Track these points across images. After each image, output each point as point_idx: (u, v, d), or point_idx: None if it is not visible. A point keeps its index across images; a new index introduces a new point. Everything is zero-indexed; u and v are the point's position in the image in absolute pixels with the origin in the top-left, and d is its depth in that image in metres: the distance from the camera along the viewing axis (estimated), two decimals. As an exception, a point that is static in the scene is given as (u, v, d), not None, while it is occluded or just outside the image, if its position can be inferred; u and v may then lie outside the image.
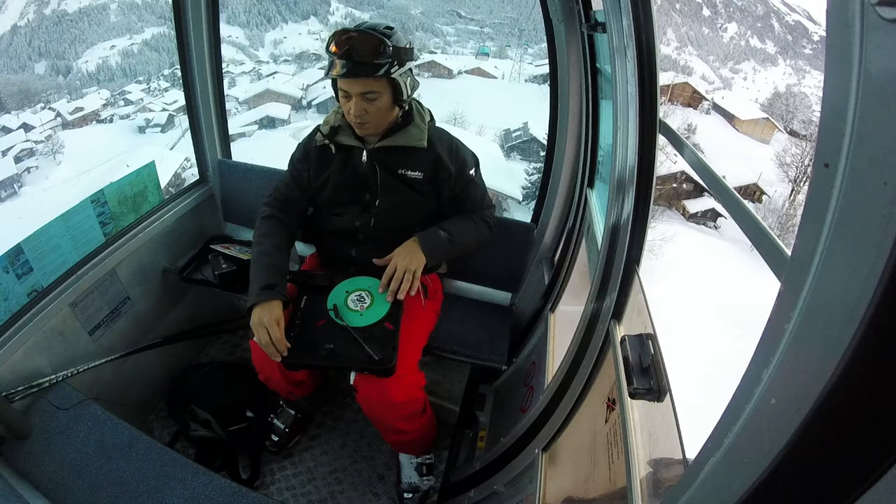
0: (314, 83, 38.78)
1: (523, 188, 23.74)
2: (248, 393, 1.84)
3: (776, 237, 0.57)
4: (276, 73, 42.68)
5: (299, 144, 1.60)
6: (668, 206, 23.50)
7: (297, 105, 37.78)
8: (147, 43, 45.86)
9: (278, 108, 35.09)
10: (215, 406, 1.79)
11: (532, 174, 24.72)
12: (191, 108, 2.10)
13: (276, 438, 1.76)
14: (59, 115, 35.23)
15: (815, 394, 0.36)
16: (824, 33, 0.38)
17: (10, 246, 1.50)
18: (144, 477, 1.28)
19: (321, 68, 39.96)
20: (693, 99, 29.77)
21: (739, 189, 22.22)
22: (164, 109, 36.12)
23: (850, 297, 0.34)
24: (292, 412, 1.78)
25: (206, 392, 1.85)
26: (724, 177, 0.76)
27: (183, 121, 33.20)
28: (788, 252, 0.46)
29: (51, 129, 33.01)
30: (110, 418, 1.41)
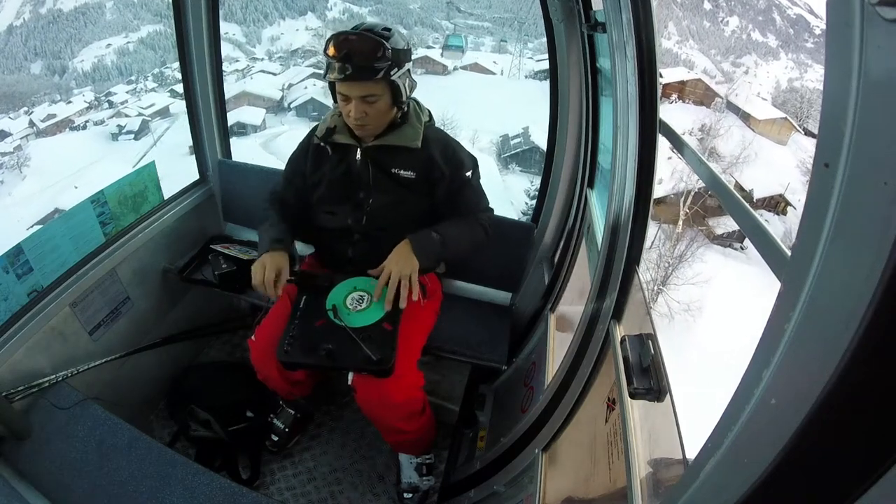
0: (299, 82, 36.00)
1: (522, 213, 19.94)
2: (248, 393, 1.84)
3: (776, 237, 0.57)
4: (259, 71, 39.36)
5: (300, 143, 1.61)
6: (694, 229, 18.86)
7: (277, 107, 34.59)
8: (143, 41, 45.52)
9: (252, 112, 31.70)
10: (215, 406, 1.79)
11: (535, 196, 19.24)
12: (191, 108, 2.09)
13: (276, 438, 1.76)
14: (31, 122, 31.94)
15: (815, 394, 0.36)
16: (825, 27, 0.38)
17: (10, 246, 1.50)
18: (144, 477, 1.28)
19: (309, 66, 38.08)
20: (706, 97, 27.26)
21: (763, 200, 19.74)
22: (139, 114, 32.40)
23: (850, 297, 0.34)
24: (292, 412, 1.78)
25: (206, 392, 1.85)
26: (751, 190, 0.76)
27: (158, 126, 30.99)
28: (788, 252, 0.46)
29: (21, 137, 29.86)
30: (110, 418, 1.41)
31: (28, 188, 24.62)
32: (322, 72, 1.39)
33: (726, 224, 18.64)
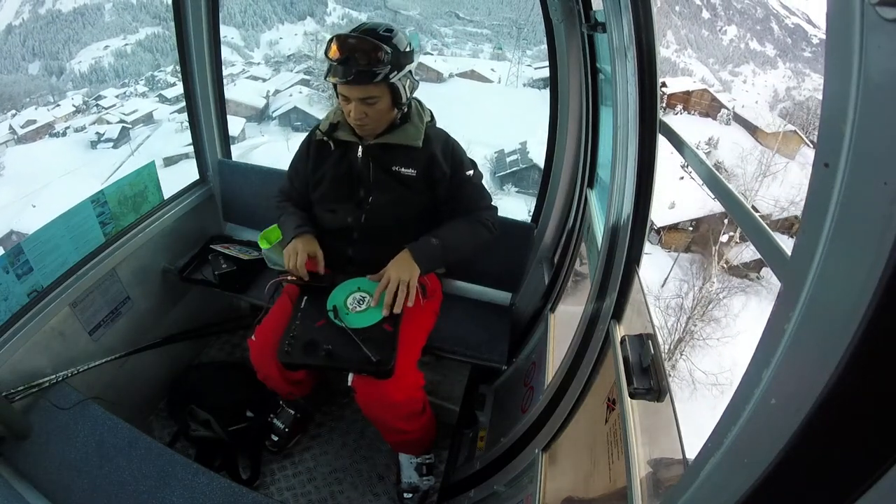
0: (286, 89, 34.02)
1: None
2: (248, 393, 1.84)
3: (776, 237, 0.57)
4: (248, 77, 37.35)
5: (302, 142, 1.63)
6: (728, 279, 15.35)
7: (259, 116, 32.32)
8: (141, 43, 45.21)
9: (230, 122, 29.72)
10: (215, 406, 1.79)
11: (535, 224, 17.59)
12: (191, 108, 2.10)
13: (276, 438, 1.76)
14: (11, 128, 30.44)
15: (815, 394, 0.36)
16: (823, 36, 0.38)
17: (11, 246, 1.50)
18: (144, 477, 1.28)
19: (300, 71, 37.12)
20: (711, 107, 25.85)
21: (777, 222, 17.24)
22: (120, 121, 30.59)
23: (850, 297, 0.34)
24: (292, 412, 1.78)
25: (206, 392, 1.85)
26: (769, 214, 0.75)
27: (139, 134, 29.85)
28: (788, 252, 0.46)
29: (1, 144, 28.23)
30: (110, 418, 1.41)
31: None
32: (309, 77, 1.39)
33: (742, 254, 16.14)
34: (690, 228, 18.07)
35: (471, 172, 1.54)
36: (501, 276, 1.98)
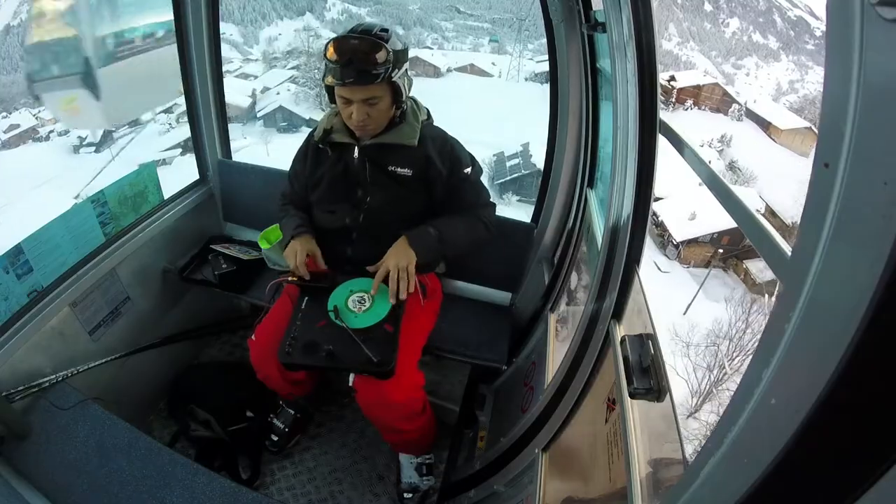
0: (275, 86, 33.30)
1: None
2: (248, 393, 1.84)
3: (776, 237, 0.57)
4: (240, 74, 36.32)
5: (300, 146, 1.63)
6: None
7: (244, 116, 31.33)
8: (139, 40, 44.72)
9: None
10: (215, 406, 1.79)
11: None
12: (191, 108, 2.09)
13: (275, 438, 1.76)
14: None
15: (815, 394, 0.36)
16: (825, 27, 0.38)
17: (10, 246, 1.50)
18: (144, 477, 1.28)
19: (292, 68, 36.64)
20: (723, 102, 24.95)
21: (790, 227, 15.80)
22: None
23: (850, 297, 0.34)
24: (292, 412, 1.78)
25: (206, 392, 1.85)
26: (793, 223, 0.75)
27: (122, 136, 28.84)
28: (788, 252, 0.46)
29: None
30: (110, 418, 1.41)
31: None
32: (298, 73, 1.39)
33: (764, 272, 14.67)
34: (720, 250, 16.68)
35: (468, 170, 1.54)
36: (501, 276, 1.98)
